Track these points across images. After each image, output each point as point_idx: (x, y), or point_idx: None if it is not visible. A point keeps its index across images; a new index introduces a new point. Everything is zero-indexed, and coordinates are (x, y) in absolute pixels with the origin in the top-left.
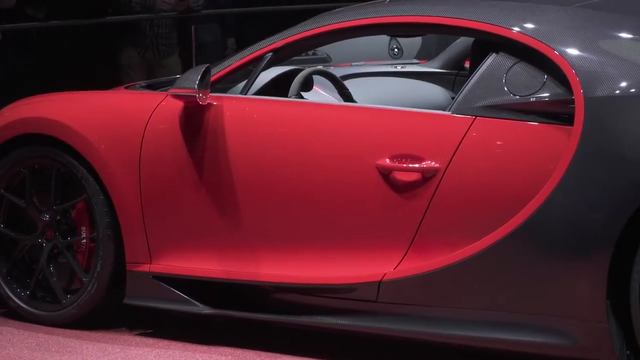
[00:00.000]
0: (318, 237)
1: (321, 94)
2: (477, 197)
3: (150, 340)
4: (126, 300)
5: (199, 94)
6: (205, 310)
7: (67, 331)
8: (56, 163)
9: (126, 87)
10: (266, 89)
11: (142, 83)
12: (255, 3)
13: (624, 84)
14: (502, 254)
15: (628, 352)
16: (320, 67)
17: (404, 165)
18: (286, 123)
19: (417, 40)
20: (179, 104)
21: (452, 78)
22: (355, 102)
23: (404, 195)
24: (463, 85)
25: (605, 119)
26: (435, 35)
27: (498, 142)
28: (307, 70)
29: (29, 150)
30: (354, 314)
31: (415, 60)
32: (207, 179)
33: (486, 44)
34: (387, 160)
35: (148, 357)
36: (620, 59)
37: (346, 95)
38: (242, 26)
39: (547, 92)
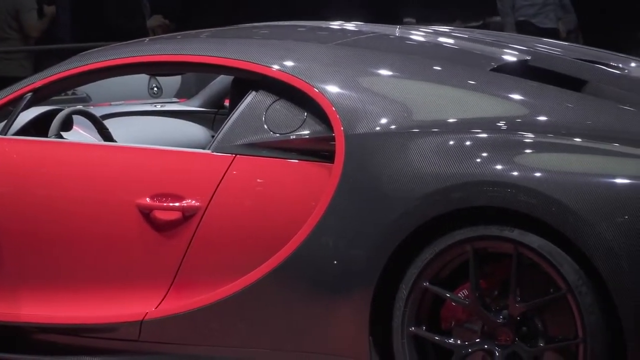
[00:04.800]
0: (79, 277)
1: (81, 133)
2: (238, 235)
3: None
4: None
5: None
6: None
7: None
8: None
9: None
10: (26, 129)
11: None
12: None
13: (383, 121)
14: (264, 291)
15: None
16: (79, 106)
17: (164, 204)
18: (45, 163)
19: (177, 79)
20: None
21: (211, 116)
22: (115, 141)
23: (165, 234)
24: (223, 123)
25: (365, 156)
26: (194, 73)
27: (258, 180)
28: (67, 110)
29: None
30: (116, 353)
31: (174, 99)
32: None
33: (245, 82)
34: (148, 199)
35: None
36: (380, 96)
37: (106, 135)
38: None
39: (307, 130)
